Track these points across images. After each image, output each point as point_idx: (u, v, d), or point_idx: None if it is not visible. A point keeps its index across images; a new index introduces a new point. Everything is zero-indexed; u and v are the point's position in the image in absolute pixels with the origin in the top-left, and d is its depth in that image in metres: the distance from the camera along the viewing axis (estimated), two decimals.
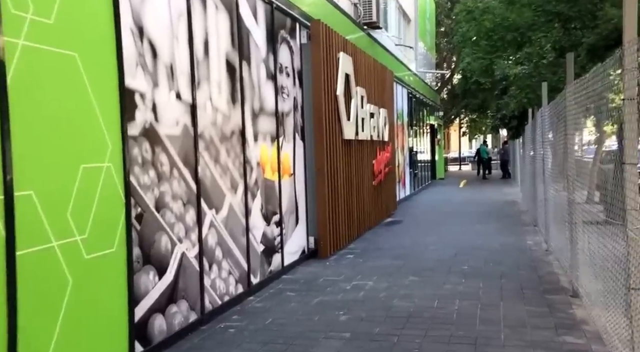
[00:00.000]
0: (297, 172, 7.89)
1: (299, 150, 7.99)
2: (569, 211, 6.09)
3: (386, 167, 12.64)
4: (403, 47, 19.88)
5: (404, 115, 17.05)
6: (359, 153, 10.27)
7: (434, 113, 26.52)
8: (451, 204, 15.62)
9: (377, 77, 11.89)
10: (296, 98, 7.89)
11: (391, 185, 13.39)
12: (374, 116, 11.42)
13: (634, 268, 3.18)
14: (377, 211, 11.68)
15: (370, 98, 11.19)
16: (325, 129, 8.33)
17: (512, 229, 10.73)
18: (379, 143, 11.99)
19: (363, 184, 10.50)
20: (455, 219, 12.40)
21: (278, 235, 7.06)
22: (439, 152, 28.14)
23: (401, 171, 16.39)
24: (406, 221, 12.33)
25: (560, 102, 6.65)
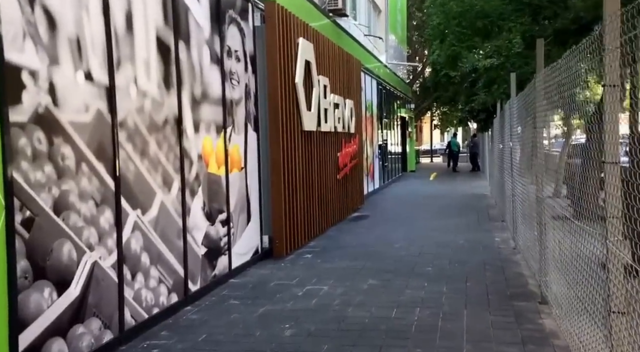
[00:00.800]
0: (250, 165, 7.24)
1: (252, 141, 7.34)
2: (537, 210, 5.58)
3: (352, 160, 12.07)
4: (373, 39, 19.31)
5: (373, 107, 16.49)
6: (322, 145, 9.66)
7: (405, 106, 26.06)
8: (420, 197, 15.13)
9: (342, 66, 11.28)
10: (248, 85, 7.24)
11: (358, 178, 12.83)
12: (339, 107, 10.82)
13: (615, 288, 2.62)
14: (342, 205, 11.11)
15: (335, 88, 10.58)
16: (281, 120, 7.69)
17: (479, 225, 10.26)
18: (345, 135, 11.40)
19: (326, 178, 9.90)
20: (423, 214, 11.90)
21: (225, 235, 6.42)
22: (410, 144, 27.73)
23: (370, 164, 15.84)
24: (373, 216, 11.79)
25: (530, 93, 6.14)
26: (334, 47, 10.60)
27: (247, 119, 7.18)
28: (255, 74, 7.46)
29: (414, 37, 32.85)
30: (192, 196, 5.69)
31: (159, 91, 5.11)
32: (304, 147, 8.67)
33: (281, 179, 7.66)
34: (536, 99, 5.49)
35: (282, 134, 7.73)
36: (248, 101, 7.21)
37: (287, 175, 7.92)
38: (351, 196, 12.01)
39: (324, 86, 9.69)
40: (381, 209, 12.96)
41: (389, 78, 20.18)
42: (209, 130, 6.08)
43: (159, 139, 5.09)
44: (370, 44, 18.23)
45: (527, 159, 6.91)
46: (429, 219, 11.20)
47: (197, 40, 5.88)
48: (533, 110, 5.74)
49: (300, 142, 8.48)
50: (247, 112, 7.16)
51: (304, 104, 8.47)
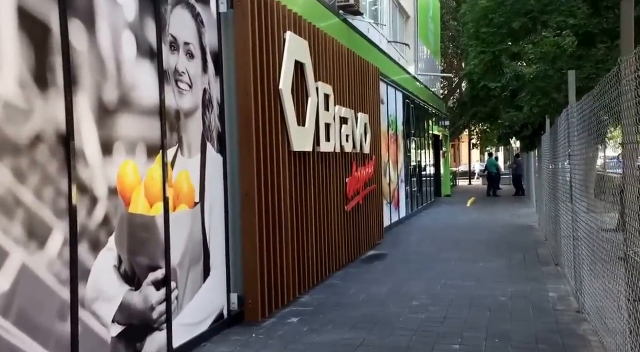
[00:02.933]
0: (210, 200, 5.35)
1: (214, 167, 5.45)
2: (625, 259, 3.52)
3: (367, 187, 10.07)
4: (400, 48, 17.39)
5: (397, 123, 14.50)
6: (322, 170, 7.71)
7: (439, 123, 23.95)
8: (453, 230, 12.96)
9: (354, 73, 9.37)
10: (209, 91, 5.37)
11: (376, 208, 10.80)
12: (348, 122, 8.88)
13: None
14: (353, 244, 9.10)
15: (342, 99, 8.66)
16: (258, 138, 5.80)
17: (527, 270, 8.09)
18: (356, 157, 9.43)
19: (328, 211, 7.93)
20: (454, 252, 9.77)
21: (161, 302, 4.51)
22: (445, 166, 25.50)
23: (394, 190, 13.80)
24: (392, 256, 9.72)
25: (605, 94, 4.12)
26: (341, 49, 8.70)
27: (206, 137, 5.30)
28: (221, 76, 5.60)
29: (449, 49, 30.75)
30: (95, 250, 3.81)
31: (21, 93, 3.28)
32: (294, 172, 6.74)
33: (256, 216, 5.73)
34: (622, 101, 3.45)
35: (259, 156, 5.83)
36: (208, 113, 5.34)
37: (267, 210, 5.99)
38: (366, 230, 9.99)
39: (325, 96, 7.77)
40: (404, 246, 10.87)
41: (419, 92, 18.16)
42: (132, 152, 4.21)
43: (20, 166, 3.24)
44: (396, 53, 16.30)
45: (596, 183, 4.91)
46: (461, 260, 9.07)
47: (111, 23, 4.05)
48: (612, 117, 3.70)
49: (288, 167, 6.55)
50: (206, 127, 5.29)
51: (293, 117, 6.57)
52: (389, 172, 13.26)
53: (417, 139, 17.79)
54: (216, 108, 5.49)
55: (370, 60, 10.92)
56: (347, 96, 8.91)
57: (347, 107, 8.85)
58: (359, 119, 9.53)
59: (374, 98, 10.86)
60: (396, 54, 16.50)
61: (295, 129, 6.61)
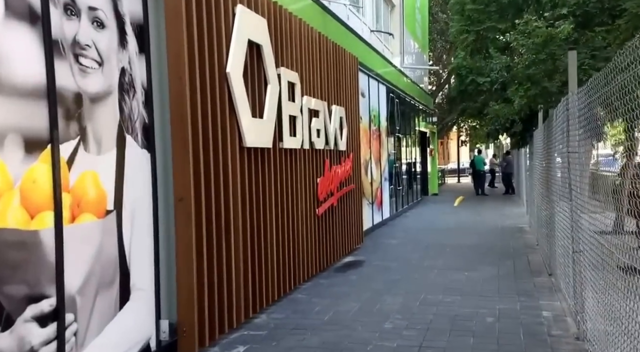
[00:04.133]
0: (132, 206, 4.33)
1: (138, 166, 4.44)
2: None
3: (344, 187, 9.09)
4: (385, 38, 16.40)
5: (380, 118, 13.51)
6: (285, 169, 6.72)
7: (426, 119, 23.00)
8: (438, 232, 12.00)
9: (327, 60, 8.37)
10: (129, 72, 4.35)
11: (354, 210, 9.82)
12: (319, 115, 7.88)
13: None
14: (324, 251, 8.11)
15: (312, 89, 7.66)
16: (195, 130, 4.79)
17: (516, 281, 7.13)
18: (330, 153, 8.44)
19: (294, 215, 6.93)
20: (439, 259, 8.80)
21: (49, 341, 3.49)
22: (432, 164, 24.56)
23: (376, 189, 12.82)
24: (370, 263, 8.75)
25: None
26: (311, 33, 7.70)
27: (126, 128, 4.29)
28: (147, 54, 4.58)
29: (438, 43, 29.78)
30: None
31: None
32: (248, 172, 5.73)
33: (192, 224, 4.72)
34: None
35: (197, 153, 4.81)
36: (128, 98, 4.32)
37: (210, 217, 4.98)
38: (341, 235, 9.00)
39: (289, 84, 6.77)
40: (384, 251, 9.88)
41: (404, 86, 17.19)
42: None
43: None
44: (379, 44, 15.30)
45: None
46: (445, 268, 8.11)
47: None
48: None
49: (240, 166, 5.54)
50: (124, 116, 4.27)
51: (245, 107, 5.56)
52: (370, 170, 12.28)
53: (402, 135, 16.81)
54: (140, 93, 4.47)
55: (349, 49, 9.94)
56: (318, 86, 7.91)
57: (318, 98, 7.86)
58: (333, 112, 8.53)
59: (352, 90, 9.87)
60: (380, 44, 15.51)
61: (248, 121, 5.60)
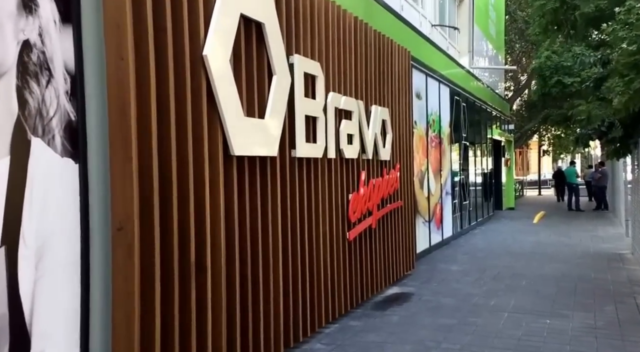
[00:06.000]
0: (38, 236, 3.07)
1: (56, 180, 3.16)
2: None
3: (387, 204, 7.57)
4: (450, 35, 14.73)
5: (442, 124, 11.87)
6: (299, 184, 5.32)
7: (501, 126, 20.98)
8: (512, 257, 10.17)
9: (366, 51, 6.93)
10: (39, 47, 3.09)
11: (402, 230, 8.28)
12: (351, 117, 6.44)
13: None
14: (358, 282, 6.64)
15: (341, 84, 6.24)
16: (143, 131, 3.48)
17: (624, 341, 5.33)
18: (367, 164, 6.97)
19: (312, 241, 5.51)
20: (510, 296, 7.08)
21: None
22: (508, 175, 22.40)
23: (434, 205, 11.17)
24: (419, 297, 7.17)
25: None
26: (343, 15, 6.28)
27: (32, 128, 3.03)
28: (76, 26, 3.31)
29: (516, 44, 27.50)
30: None
31: None
32: (237, 188, 4.35)
33: (136, 262, 3.39)
34: None
35: (146, 161, 3.50)
36: (35, 84, 3.05)
37: (169, 251, 3.65)
38: (384, 261, 7.48)
39: (307, 76, 5.37)
40: (439, 281, 8.25)
41: (473, 89, 15.40)
42: None
43: None
44: (444, 41, 13.66)
45: None
46: (517, 310, 6.41)
47: None
48: None
49: (223, 180, 4.17)
50: (29, 109, 3.01)
51: (232, 103, 4.20)
52: (427, 183, 10.66)
53: (471, 143, 15.02)
54: (61, 80, 3.21)
55: (403, 44, 8.47)
56: (351, 81, 6.47)
57: (350, 95, 6.43)
58: (373, 114, 7.06)
59: (402, 89, 8.36)
60: (443, 41, 13.87)
61: (236, 122, 4.25)
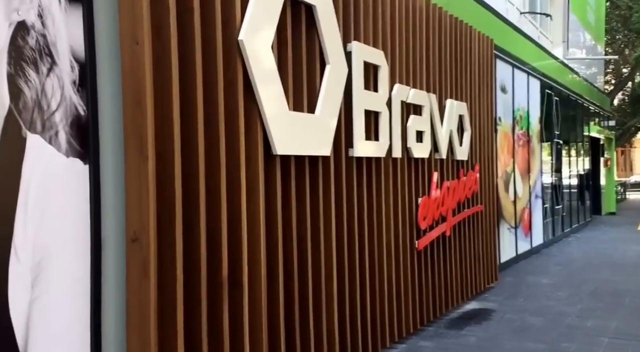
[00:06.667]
0: (42, 250, 2.68)
1: (56, 184, 2.77)
2: None
3: (464, 210, 6.82)
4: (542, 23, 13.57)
5: (530, 120, 10.84)
6: (358, 186, 4.73)
7: (600, 123, 19.34)
8: (611, 269, 9.05)
9: (438, 37, 6.23)
10: (39, 30, 2.69)
11: (483, 238, 7.48)
12: (422, 112, 5.77)
13: None
14: (432, 297, 5.95)
15: (410, 75, 5.59)
16: (163, 126, 3.03)
17: None
18: (441, 164, 6.26)
19: (373, 252, 4.91)
20: (611, 317, 6.13)
21: None
22: (608, 176, 20.64)
23: (521, 210, 10.19)
24: (501, 314, 6.37)
25: None
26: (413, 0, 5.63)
27: (28, 123, 2.63)
28: (88, 6, 2.90)
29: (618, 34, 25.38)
30: None
31: None
32: (282, 191, 3.83)
33: (152, 278, 2.95)
34: None
35: (167, 163, 3.05)
36: (34, 73, 2.66)
37: (195, 265, 3.19)
38: (462, 272, 6.73)
39: (367, 66, 4.77)
40: (525, 296, 7.36)
41: (568, 82, 14.12)
42: None
43: None
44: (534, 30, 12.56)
45: None
46: (620, 336, 5.49)
47: None
48: None
49: (263, 182, 3.66)
50: (26, 103, 2.62)
51: (275, 95, 3.68)
52: (513, 185, 9.73)
53: (564, 141, 13.77)
54: (67, 68, 2.81)
55: (486, 32, 7.68)
56: (422, 72, 5.80)
57: (420, 88, 5.75)
58: (448, 108, 6.34)
59: (483, 81, 7.56)
60: (534, 30, 12.75)
61: (279, 116, 3.73)
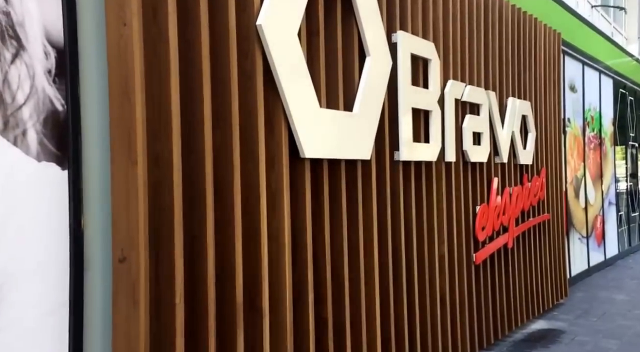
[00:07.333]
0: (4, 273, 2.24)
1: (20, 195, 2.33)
2: None
3: (529, 218, 6.09)
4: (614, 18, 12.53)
5: (602, 122, 9.90)
6: (406, 194, 4.14)
7: None
8: None
9: (498, 30, 5.56)
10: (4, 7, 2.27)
11: (550, 250, 6.71)
12: (479, 111, 5.11)
13: None
14: (492, 315, 5.26)
15: (465, 70, 4.95)
16: (159, 126, 2.55)
17: None
18: (502, 169, 5.57)
19: (425, 266, 4.29)
20: None
21: None
22: None
23: (593, 218, 9.27)
24: (572, 335, 5.60)
25: None
26: None
27: None
28: None
29: None
30: None
31: None
32: (315, 200, 3.28)
33: (142, 309, 2.45)
34: None
35: (164, 168, 2.56)
36: None
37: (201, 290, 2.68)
38: (526, 288, 5.99)
39: (416, 59, 4.16)
40: (599, 314, 6.52)
41: None
42: None
43: None
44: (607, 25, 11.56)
45: None
46: None
47: None
48: None
49: (291, 191, 3.13)
50: None
51: (303, 89, 3.14)
52: (584, 191, 8.84)
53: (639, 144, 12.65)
54: (39, 53, 2.36)
55: (553, 26, 6.94)
56: (479, 68, 5.15)
57: (478, 85, 5.10)
58: (510, 108, 5.65)
59: (550, 79, 6.80)
60: (607, 26, 11.75)
61: (308, 114, 3.19)
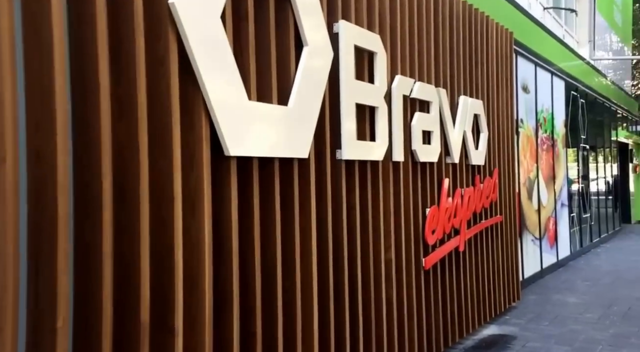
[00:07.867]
0: None
1: None
2: None
3: (481, 220, 6.03)
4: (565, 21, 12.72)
5: (554, 123, 10.00)
6: (348, 196, 3.99)
7: (628, 128, 18.35)
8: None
9: (449, 24, 5.49)
10: None
11: (503, 253, 6.68)
12: (430, 109, 5.01)
13: None
14: (442, 322, 5.16)
15: (414, 66, 4.84)
16: (42, 114, 2.33)
17: None
18: (452, 170, 5.49)
19: (369, 274, 4.15)
20: None
21: None
22: (638, 183, 19.59)
23: (546, 219, 9.34)
24: (523, 341, 5.55)
25: None
26: None
27: None
28: None
29: None
30: None
31: None
32: (242, 206, 3.10)
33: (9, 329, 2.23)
34: None
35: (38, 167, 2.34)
36: None
37: None
38: (477, 293, 5.93)
39: (360, 52, 4.02)
40: (550, 318, 6.52)
41: (595, 84, 13.23)
42: None
43: None
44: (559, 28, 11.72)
45: None
46: None
47: None
48: None
49: (214, 193, 2.94)
50: None
51: (226, 80, 2.96)
52: (537, 193, 8.89)
53: (591, 146, 12.87)
54: None
55: (505, 25, 6.91)
56: (429, 63, 5.05)
57: (428, 82, 5.00)
58: (461, 106, 5.58)
59: (502, 78, 6.78)
60: (558, 28, 11.91)
61: (232, 107, 3.00)
